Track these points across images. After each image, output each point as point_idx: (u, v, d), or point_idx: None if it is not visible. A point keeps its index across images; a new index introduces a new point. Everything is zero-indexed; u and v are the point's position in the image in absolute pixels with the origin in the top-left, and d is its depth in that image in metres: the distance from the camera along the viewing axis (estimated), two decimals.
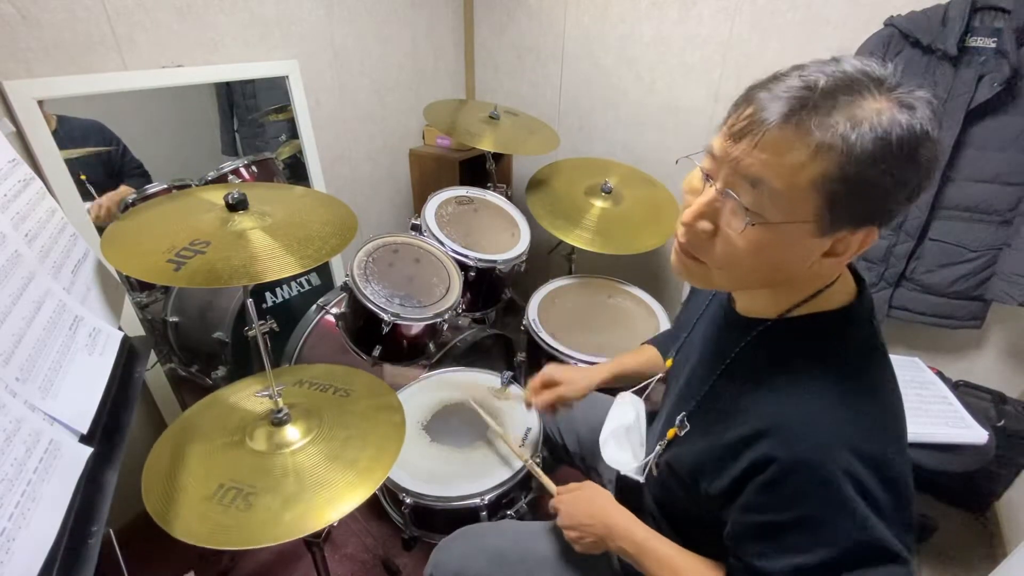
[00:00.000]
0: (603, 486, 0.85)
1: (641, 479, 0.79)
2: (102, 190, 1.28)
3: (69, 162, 1.17)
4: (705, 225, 0.55)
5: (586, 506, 0.81)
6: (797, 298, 0.59)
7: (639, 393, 0.95)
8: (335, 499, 0.82)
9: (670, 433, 0.72)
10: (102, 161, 1.29)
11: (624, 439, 0.86)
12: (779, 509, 0.54)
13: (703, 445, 0.64)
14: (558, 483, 0.93)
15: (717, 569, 0.66)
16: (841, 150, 0.45)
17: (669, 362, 0.84)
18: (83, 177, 1.21)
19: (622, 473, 0.82)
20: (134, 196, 1.34)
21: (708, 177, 0.54)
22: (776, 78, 0.50)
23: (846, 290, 0.61)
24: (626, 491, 0.82)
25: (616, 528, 0.75)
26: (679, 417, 0.70)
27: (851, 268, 0.63)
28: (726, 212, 0.53)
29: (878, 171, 0.46)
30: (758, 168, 0.49)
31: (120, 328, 0.84)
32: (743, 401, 0.60)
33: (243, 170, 1.56)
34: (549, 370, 1.01)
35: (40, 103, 1.10)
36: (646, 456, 0.80)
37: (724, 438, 0.60)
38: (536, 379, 1.02)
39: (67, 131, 1.18)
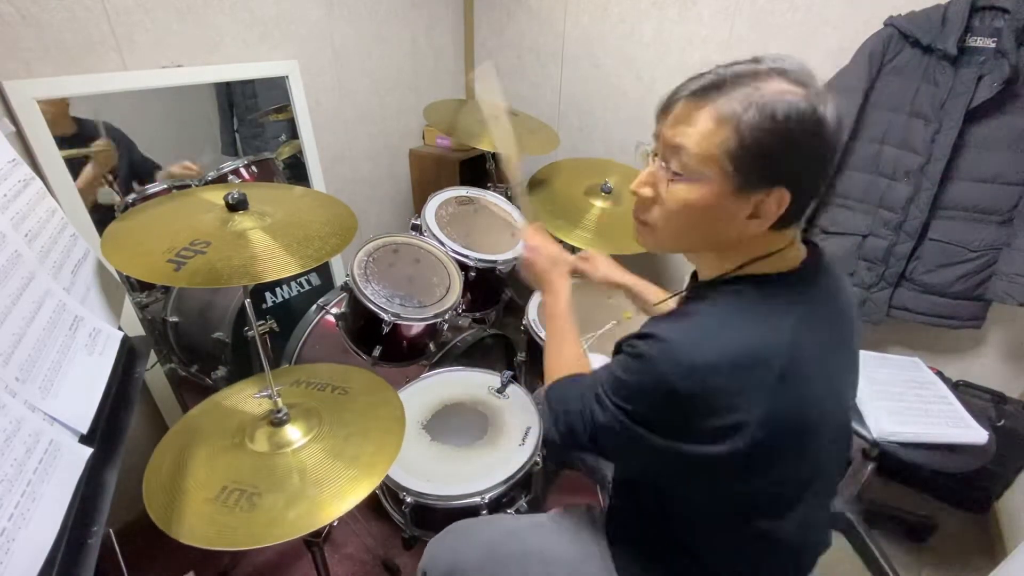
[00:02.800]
0: (604, 485, 0.86)
1: None
2: (125, 187, 1.33)
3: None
4: (647, 191, 0.66)
5: (553, 252, 0.95)
6: (737, 263, 0.65)
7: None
8: (339, 495, 0.83)
9: None
10: (124, 161, 1.32)
11: None
12: (621, 367, 0.66)
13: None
14: (561, 487, 0.94)
15: (581, 368, 0.80)
16: (734, 120, 0.55)
17: (627, 314, 0.89)
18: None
19: None
20: (134, 196, 1.34)
21: (655, 155, 0.66)
22: (703, 72, 0.60)
23: (789, 261, 0.66)
24: None
25: (554, 284, 0.92)
26: None
27: (814, 246, 0.69)
28: (663, 179, 0.63)
29: (766, 137, 0.55)
30: (678, 138, 0.60)
31: (120, 328, 0.84)
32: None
33: (243, 170, 1.55)
34: (588, 251, 1.14)
35: (66, 106, 1.14)
36: None
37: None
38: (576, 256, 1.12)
39: (88, 133, 1.21)
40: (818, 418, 0.62)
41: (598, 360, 0.97)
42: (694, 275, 0.75)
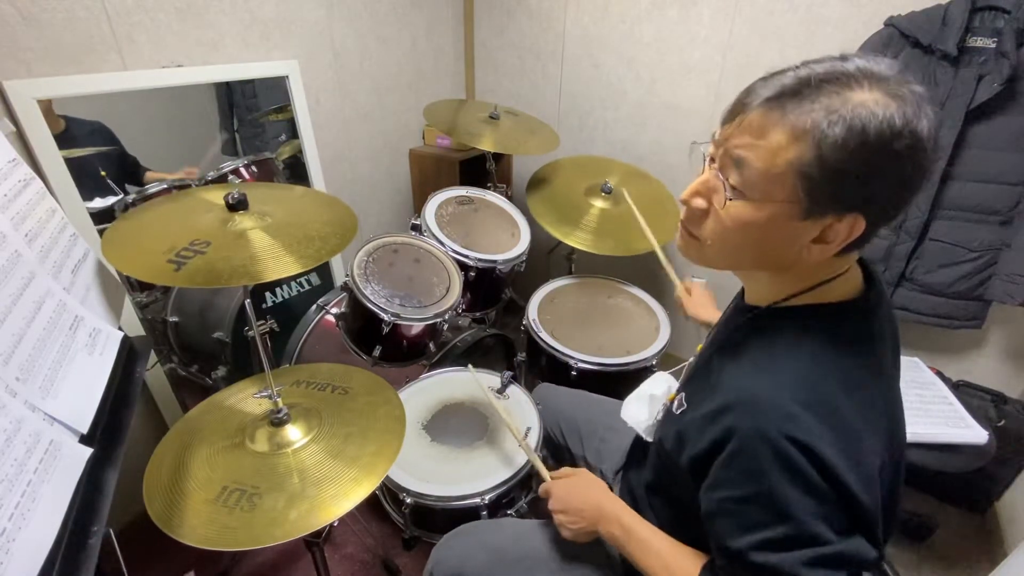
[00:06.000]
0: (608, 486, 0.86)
1: (650, 439, 0.81)
2: (121, 185, 1.32)
3: (87, 159, 1.21)
4: (699, 202, 0.59)
5: (581, 491, 0.82)
6: (796, 288, 0.60)
7: (675, 375, 0.98)
8: (339, 495, 0.83)
9: (670, 396, 0.75)
10: (117, 158, 1.32)
11: (646, 403, 0.89)
12: (739, 484, 0.55)
13: (688, 418, 0.66)
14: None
15: (697, 556, 0.66)
16: (814, 136, 0.48)
17: (700, 347, 0.85)
18: (103, 173, 1.27)
19: (630, 424, 0.85)
20: (134, 196, 1.34)
21: (712, 160, 0.58)
22: (780, 71, 0.52)
23: (851, 287, 0.61)
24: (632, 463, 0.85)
25: (607, 511, 0.77)
26: (680, 395, 0.73)
27: (865, 265, 0.64)
28: (719, 191, 0.56)
29: (850, 159, 0.48)
30: (742, 150, 0.53)
31: (120, 328, 0.84)
32: (722, 376, 0.63)
33: (243, 170, 1.56)
34: (692, 283, 1.19)
35: (50, 104, 1.11)
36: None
37: (700, 410, 0.62)
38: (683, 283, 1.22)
39: (80, 131, 1.21)
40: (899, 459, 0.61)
41: (657, 376, 0.96)
42: (741, 292, 0.71)
